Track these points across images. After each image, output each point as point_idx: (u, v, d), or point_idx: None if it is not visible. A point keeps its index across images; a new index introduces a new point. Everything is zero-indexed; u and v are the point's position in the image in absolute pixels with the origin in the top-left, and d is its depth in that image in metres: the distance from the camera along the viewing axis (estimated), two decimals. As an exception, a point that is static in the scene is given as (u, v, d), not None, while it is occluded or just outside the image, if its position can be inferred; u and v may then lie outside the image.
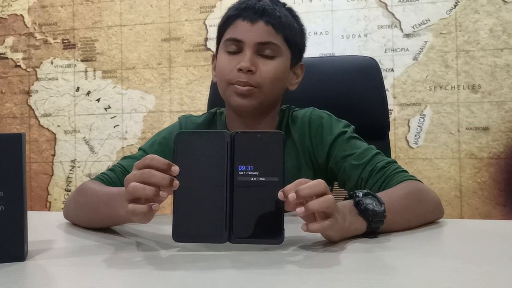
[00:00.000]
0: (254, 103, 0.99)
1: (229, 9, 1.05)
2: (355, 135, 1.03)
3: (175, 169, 0.65)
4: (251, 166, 0.64)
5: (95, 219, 0.84)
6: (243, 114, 1.03)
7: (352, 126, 1.05)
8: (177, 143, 0.66)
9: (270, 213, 0.64)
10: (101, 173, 1.01)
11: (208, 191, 0.65)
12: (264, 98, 1.00)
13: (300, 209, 0.63)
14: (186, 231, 0.64)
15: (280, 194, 0.63)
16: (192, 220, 0.64)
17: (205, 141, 0.66)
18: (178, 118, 1.13)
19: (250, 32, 0.99)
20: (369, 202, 0.72)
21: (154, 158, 0.66)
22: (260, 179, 0.64)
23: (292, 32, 1.03)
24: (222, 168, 0.64)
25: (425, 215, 0.85)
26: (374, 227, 0.72)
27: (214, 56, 1.09)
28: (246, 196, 0.64)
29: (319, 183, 0.65)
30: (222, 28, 1.05)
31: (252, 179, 0.64)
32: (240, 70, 0.97)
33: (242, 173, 0.64)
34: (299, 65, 1.09)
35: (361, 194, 0.73)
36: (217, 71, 1.04)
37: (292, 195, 0.62)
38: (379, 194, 0.76)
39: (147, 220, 0.68)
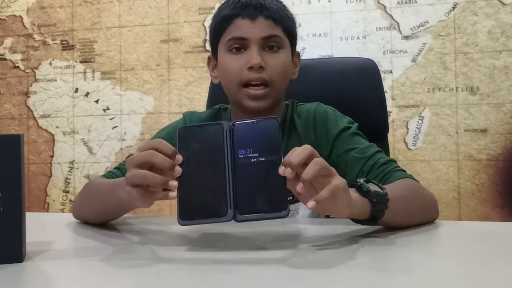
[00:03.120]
0: (268, 103, 1.01)
1: (223, 8, 1.04)
2: (359, 132, 1.05)
3: (179, 157, 0.65)
4: (251, 149, 0.66)
5: (99, 208, 0.86)
6: (255, 114, 1.02)
7: (356, 123, 1.06)
8: (179, 138, 0.67)
9: (272, 188, 0.64)
10: (107, 172, 1.03)
11: (210, 175, 0.66)
12: (276, 95, 1.02)
13: (299, 186, 0.63)
14: (191, 213, 0.64)
15: (281, 169, 0.63)
16: (197, 203, 0.64)
17: (205, 133, 0.68)
18: (183, 114, 1.14)
19: (253, 28, 0.99)
20: (371, 186, 0.73)
21: (161, 142, 0.67)
22: (260, 159, 0.65)
23: (289, 23, 1.04)
24: (223, 154, 0.66)
25: (423, 211, 0.86)
26: (378, 209, 0.72)
27: (211, 58, 1.09)
28: (248, 174, 0.65)
29: (304, 148, 0.65)
30: (220, 28, 1.04)
31: (252, 160, 0.65)
32: (251, 68, 0.98)
33: (242, 156, 0.66)
34: (295, 54, 1.10)
35: (362, 180, 0.74)
36: (223, 72, 1.04)
37: (288, 171, 0.62)
38: None
39: (148, 203, 0.68)
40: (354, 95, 1.28)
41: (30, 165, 2.65)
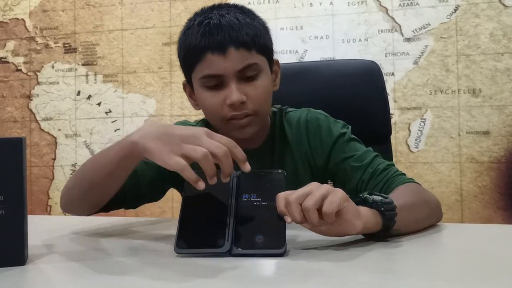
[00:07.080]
0: (254, 129, 0.97)
1: (189, 34, 0.95)
2: (354, 136, 1.03)
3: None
4: (254, 195, 0.70)
5: (95, 177, 0.83)
6: (243, 140, 0.97)
7: (349, 126, 1.04)
8: (186, 181, 0.69)
9: (272, 227, 0.66)
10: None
11: (212, 213, 0.69)
12: (263, 119, 1.00)
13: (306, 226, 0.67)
14: (188, 243, 0.66)
15: (288, 219, 0.65)
16: (195, 235, 0.67)
17: None
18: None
19: (226, 63, 0.91)
20: (375, 197, 0.73)
21: (237, 147, 0.70)
22: (263, 203, 0.69)
23: (259, 38, 0.95)
24: (227, 196, 0.70)
25: (430, 216, 0.85)
26: (388, 217, 0.71)
27: (186, 85, 1.03)
28: (249, 214, 0.68)
29: (295, 199, 0.65)
30: (190, 61, 0.96)
31: (255, 203, 0.69)
32: (231, 104, 0.92)
33: (245, 199, 0.69)
34: (274, 62, 1.03)
35: (365, 193, 0.74)
36: (205, 108, 0.98)
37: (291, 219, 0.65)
38: None
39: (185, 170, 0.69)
40: (357, 97, 1.28)
41: (32, 168, 2.65)
